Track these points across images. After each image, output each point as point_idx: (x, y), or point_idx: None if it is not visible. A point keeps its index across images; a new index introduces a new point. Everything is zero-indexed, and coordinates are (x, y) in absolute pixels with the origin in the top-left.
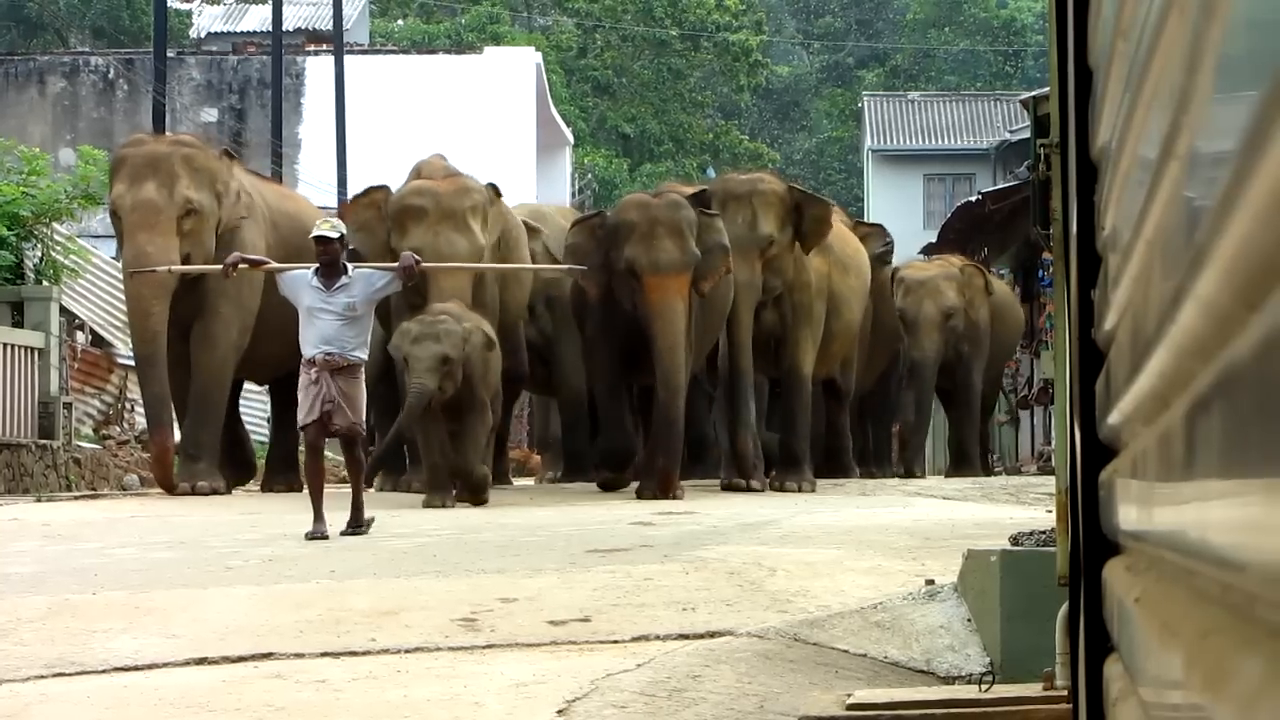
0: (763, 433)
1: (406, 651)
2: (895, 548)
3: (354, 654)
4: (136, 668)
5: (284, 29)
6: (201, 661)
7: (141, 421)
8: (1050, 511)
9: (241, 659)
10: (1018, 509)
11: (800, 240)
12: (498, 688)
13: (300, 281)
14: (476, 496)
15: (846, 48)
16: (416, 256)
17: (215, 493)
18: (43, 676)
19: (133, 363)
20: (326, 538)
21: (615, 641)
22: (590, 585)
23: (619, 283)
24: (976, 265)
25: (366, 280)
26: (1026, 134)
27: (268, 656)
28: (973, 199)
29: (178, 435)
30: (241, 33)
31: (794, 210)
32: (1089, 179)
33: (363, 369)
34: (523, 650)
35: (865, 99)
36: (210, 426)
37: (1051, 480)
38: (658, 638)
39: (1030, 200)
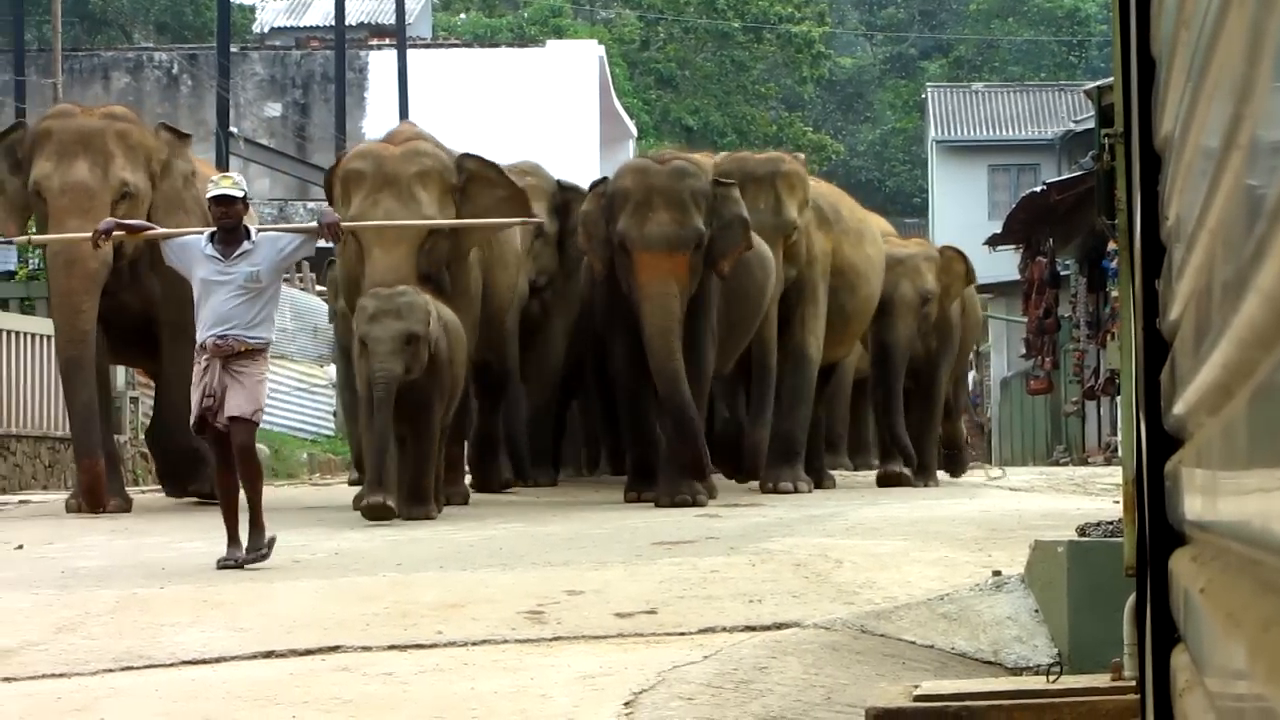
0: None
1: (473, 644)
2: (962, 539)
3: (421, 647)
4: (204, 661)
5: (347, 24)
6: (269, 655)
7: None
8: (1117, 502)
9: (309, 652)
10: (1084, 500)
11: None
12: (564, 680)
13: (191, 249)
14: (423, 511)
15: (909, 39)
16: (336, 215)
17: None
18: (111, 670)
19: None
20: (240, 566)
21: (682, 634)
22: (656, 577)
23: (618, 260)
24: (958, 250)
25: (272, 244)
26: (1091, 124)
27: (335, 649)
28: (1037, 189)
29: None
30: (305, 28)
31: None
32: (1153, 169)
33: (265, 352)
34: (589, 642)
35: (929, 90)
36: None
37: (1118, 471)
38: (724, 630)
39: (1095, 190)
